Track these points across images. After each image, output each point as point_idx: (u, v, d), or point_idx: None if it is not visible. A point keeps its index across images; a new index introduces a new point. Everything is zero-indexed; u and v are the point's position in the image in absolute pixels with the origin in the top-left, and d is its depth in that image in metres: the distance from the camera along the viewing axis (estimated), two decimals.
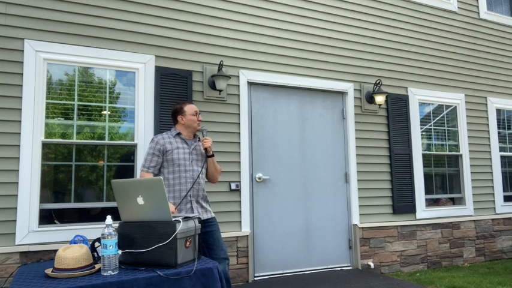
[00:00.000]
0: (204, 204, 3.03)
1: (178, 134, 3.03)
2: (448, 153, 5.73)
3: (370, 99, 5.13)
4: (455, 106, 5.85)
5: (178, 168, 2.93)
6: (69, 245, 2.19)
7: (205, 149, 3.00)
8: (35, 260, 3.36)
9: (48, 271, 2.08)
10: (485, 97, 6.11)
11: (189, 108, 3.04)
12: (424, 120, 5.59)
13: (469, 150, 5.83)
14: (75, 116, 3.72)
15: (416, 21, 5.67)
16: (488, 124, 6.07)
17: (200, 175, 3.01)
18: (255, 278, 4.29)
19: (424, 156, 5.50)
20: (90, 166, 3.76)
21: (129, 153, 3.93)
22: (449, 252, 5.44)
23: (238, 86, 4.41)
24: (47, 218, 3.55)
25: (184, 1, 4.25)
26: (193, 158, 3.00)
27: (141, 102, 3.93)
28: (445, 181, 5.71)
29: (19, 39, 3.52)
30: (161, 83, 4.02)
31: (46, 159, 3.58)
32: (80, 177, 3.70)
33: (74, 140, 3.68)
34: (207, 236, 2.95)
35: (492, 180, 5.96)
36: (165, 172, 2.94)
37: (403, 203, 5.15)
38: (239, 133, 4.35)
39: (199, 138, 3.15)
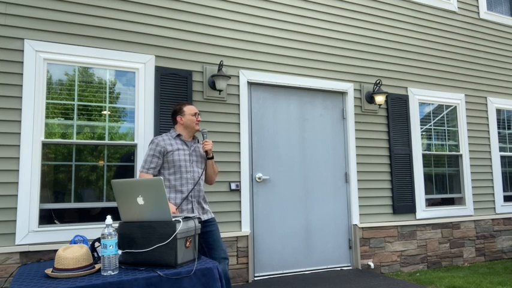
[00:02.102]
0: (205, 205, 3.04)
1: (179, 135, 3.04)
2: (448, 153, 5.73)
3: (370, 99, 5.13)
4: (455, 106, 5.85)
5: (179, 170, 2.94)
6: (69, 245, 2.19)
7: (206, 151, 3.00)
8: (35, 260, 3.36)
9: (48, 271, 2.08)
10: (485, 97, 6.11)
11: (188, 109, 3.05)
12: (424, 120, 5.59)
13: (469, 150, 5.83)
14: (75, 116, 3.72)
15: (416, 21, 5.67)
16: (488, 124, 6.07)
17: (201, 176, 3.02)
18: (255, 278, 4.29)
19: (424, 156, 5.50)
20: (90, 166, 3.76)
21: (129, 153, 3.93)
22: (449, 252, 5.44)
23: (238, 86, 4.41)
24: (47, 218, 3.55)
25: (184, 1, 4.25)
26: (193, 160, 3.00)
27: (141, 102, 3.94)
28: (445, 181, 5.71)
29: (19, 39, 3.52)
30: (161, 83, 4.02)
31: (46, 159, 3.58)
32: (80, 177, 3.70)
33: (74, 140, 3.68)
34: (207, 236, 2.95)
35: (492, 180, 5.96)
36: (166, 173, 2.95)
37: (403, 203, 5.15)
38: (239, 133, 4.35)
39: (198, 139, 3.15)
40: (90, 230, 3.56)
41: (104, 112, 3.86)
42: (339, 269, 4.73)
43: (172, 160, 2.93)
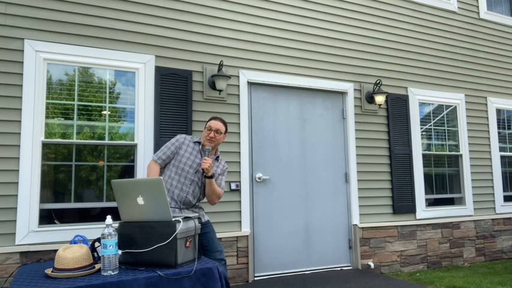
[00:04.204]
0: (196, 210, 3.03)
1: (199, 142, 3.05)
2: (448, 153, 5.73)
3: (370, 99, 5.13)
4: (455, 106, 5.85)
5: (180, 172, 2.95)
6: (69, 245, 2.19)
7: (203, 169, 2.87)
8: (35, 260, 3.36)
9: (48, 271, 2.08)
10: (485, 97, 6.11)
11: (208, 123, 3.02)
12: (424, 120, 5.59)
13: (469, 150, 5.83)
14: (75, 116, 3.72)
15: (416, 21, 5.67)
16: (488, 124, 6.07)
17: (196, 187, 2.99)
18: (255, 278, 4.29)
19: (424, 156, 5.50)
20: (90, 166, 3.76)
21: (129, 153, 3.93)
22: (449, 252, 5.44)
23: (238, 86, 4.41)
24: (47, 218, 3.55)
25: (184, 1, 4.25)
26: (198, 170, 2.97)
27: (141, 102, 3.93)
28: (445, 181, 5.71)
29: (19, 39, 3.52)
30: (161, 83, 4.02)
31: (46, 159, 3.58)
32: (80, 177, 3.70)
33: (74, 140, 3.68)
34: (201, 238, 2.96)
35: (492, 180, 5.96)
36: (171, 167, 2.98)
37: (403, 203, 5.15)
38: (239, 133, 4.35)
39: (218, 157, 3.10)
40: (90, 230, 3.56)
41: (104, 112, 3.86)
42: (339, 269, 4.73)
43: (179, 160, 2.96)
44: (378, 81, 5.10)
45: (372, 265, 4.83)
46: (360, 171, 4.98)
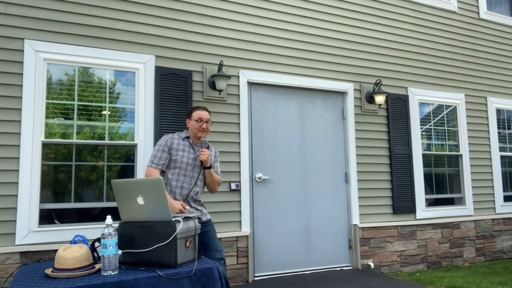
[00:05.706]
0: (199, 208, 3.04)
1: (188, 137, 3.05)
2: (448, 153, 5.73)
3: (370, 99, 5.13)
4: (455, 106, 5.85)
5: (178, 171, 2.95)
6: (69, 245, 2.19)
7: (201, 161, 2.97)
8: (35, 260, 3.36)
9: (48, 271, 2.08)
10: (485, 97, 6.12)
11: (196, 114, 3.03)
12: (424, 120, 5.59)
13: (469, 150, 5.83)
14: (75, 116, 3.72)
15: (416, 21, 5.67)
16: (488, 124, 6.07)
17: (197, 182, 3.01)
18: (255, 278, 4.29)
19: (424, 156, 5.50)
20: (90, 166, 3.76)
21: (129, 153, 3.93)
22: (449, 252, 5.44)
23: (238, 86, 4.41)
24: (47, 218, 3.55)
25: (184, 1, 4.25)
26: (195, 164, 2.99)
27: (141, 102, 3.94)
28: (445, 181, 5.71)
29: (19, 39, 3.52)
30: (161, 83, 4.02)
31: (46, 159, 3.58)
32: (80, 177, 3.70)
33: (74, 140, 3.68)
34: (202, 237, 2.96)
35: (492, 180, 5.96)
36: (167, 172, 2.97)
37: (403, 203, 5.15)
38: (239, 133, 4.35)
39: (208, 146, 3.12)
40: (90, 230, 3.56)
41: (104, 112, 3.86)
42: (339, 269, 4.73)
43: (175, 160, 2.96)
44: (378, 81, 5.10)
45: (372, 265, 4.83)
46: (360, 171, 4.98)
